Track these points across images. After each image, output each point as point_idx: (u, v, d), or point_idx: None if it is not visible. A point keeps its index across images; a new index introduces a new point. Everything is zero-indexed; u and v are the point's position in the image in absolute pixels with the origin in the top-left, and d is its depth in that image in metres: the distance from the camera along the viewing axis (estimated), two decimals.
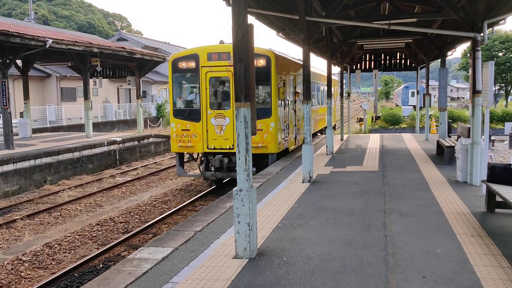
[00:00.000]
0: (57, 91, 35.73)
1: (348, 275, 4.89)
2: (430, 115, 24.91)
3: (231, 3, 5.38)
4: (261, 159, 13.18)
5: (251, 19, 11.75)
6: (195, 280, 4.89)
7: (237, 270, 5.10)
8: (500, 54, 50.53)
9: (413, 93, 51.81)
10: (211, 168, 13.15)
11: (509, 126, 24.72)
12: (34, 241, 10.00)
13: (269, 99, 12.84)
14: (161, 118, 38.76)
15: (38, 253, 9.07)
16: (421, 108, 27.17)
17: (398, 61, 24.60)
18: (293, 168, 12.23)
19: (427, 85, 20.25)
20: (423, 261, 5.25)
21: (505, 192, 6.53)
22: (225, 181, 14.52)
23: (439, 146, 14.13)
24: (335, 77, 25.91)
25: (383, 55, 24.41)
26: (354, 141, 19.38)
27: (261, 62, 12.58)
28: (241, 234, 5.41)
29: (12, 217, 11.75)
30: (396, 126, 32.73)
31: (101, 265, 8.34)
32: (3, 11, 69.09)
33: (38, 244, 9.64)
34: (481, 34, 9.44)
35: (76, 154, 18.03)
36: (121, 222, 11.20)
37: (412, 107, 40.86)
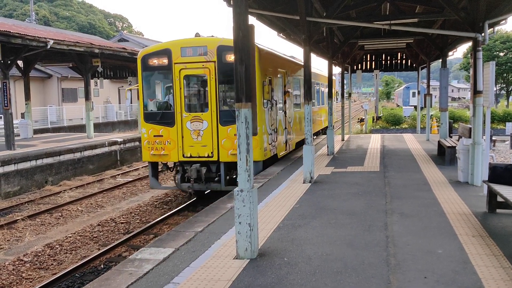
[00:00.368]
0: (58, 92, 35.79)
1: (349, 276, 4.89)
2: (431, 116, 24.90)
3: (232, 4, 5.38)
4: None
5: (252, 20, 11.76)
6: (196, 281, 4.89)
7: (238, 271, 5.10)
8: (501, 54, 50.50)
9: (414, 94, 51.79)
10: (189, 179, 11.56)
11: (510, 126, 24.71)
12: (35, 242, 10.00)
13: None
14: None
15: (39, 254, 9.07)
16: (422, 109, 27.14)
17: (399, 62, 24.58)
18: (294, 169, 12.23)
19: (428, 85, 20.23)
20: (425, 262, 5.24)
21: (507, 192, 6.52)
22: (207, 192, 13.00)
23: (440, 147, 14.11)
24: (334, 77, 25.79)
25: (384, 56, 24.39)
26: (355, 142, 19.38)
27: None
28: (242, 235, 5.41)
29: (13, 218, 11.77)
30: (397, 127, 32.72)
31: (102, 266, 8.35)
32: (4, 12, 69.19)
33: (39, 245, 9.65)
34: (482, 34, 9.43)
35: (77, 155, 18.04)
36: (122, 223, 11.20)
37: (413, 108, 40.86)
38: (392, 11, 13.28)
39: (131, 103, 38.42)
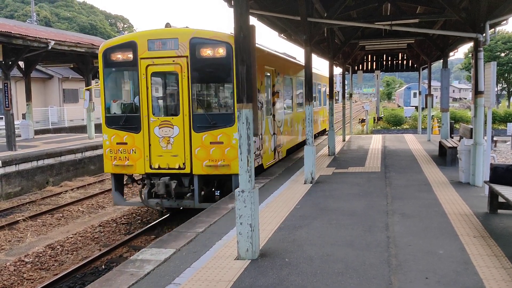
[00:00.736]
0: (59, 93, 35.82)
1: (351, 276, 4.89)
2: (432, 116, 24.88)
3: (233, 5, 5.38)
4: (223, 181, 10.26)
5: (253, 21, 11.74)
6: (198, 281, 4.89)
7: (239, 272, 5.10)
8: (503, 55, 50.49)
9: (415, 94, 51.75)
10: (158, 194, 10.01)
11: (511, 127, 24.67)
12: (37, 243, 10.01)
13: (231, 102, 9.66)
14: None
15: (41, 255, 9.08)
16: (423, 109, 27.15)
17: (400, 62, 24.57)
18: (295, 169, 12.22)
19: (429, 86, 20.22)
20: (426, 262, 5.24)
21: (508, 193, 6.51)
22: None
23: (441, 147, 14.10)
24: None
25: (385, 56, 24.38)
26: (356, 142, 19.37)
27: (220, 52, 9.48)
28: (243, 235, 5.41)
29: (15, 219, 11.78)
30: (398, 127, 32.72)
31: (103, 267, 8.35)
32: (5, 13, 69.29)
33: (41, 246, 9.65)
34: (483, 35, 9.43)
35: (78, 156, 18.06)
36: (123, 223, 11.21)
37: (414, 108, 40.83)
38: (393, 12, 13.28)
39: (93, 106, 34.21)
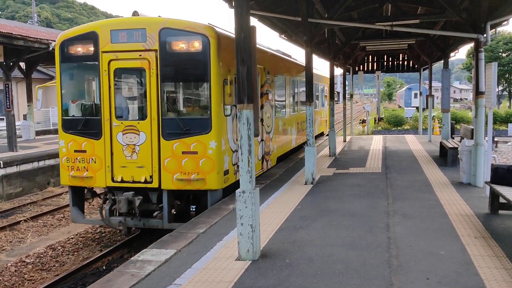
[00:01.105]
0: None
1: (351, 277, 4.88)
2: (433, 117, 24.86)
3: (234, 5, 5.39)
4: (199, 195, 8.77)
5: (254, 21, 11.74)
6: (198, 282, 4.89)
7: (240, 272, 5.10)
8: (504, 55, 50.45)
9: (416, 95, 51.69)
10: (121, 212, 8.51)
11: None
12: (38, 243, 10.01)
13: (208, 105, 8.33)
14: None
15: (42, 255, 9.09)
16: (424, 110, 27.14)
17: (401, 63, 24.57)
18: (296, 170, 12.22)
19: (430, 87, 20.22)
20: (427, 263, 5.23)
21: (509, 194, 6.50)
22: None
23: (442, 148, 14.09)
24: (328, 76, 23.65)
25: (386, 57, 24.39)
26: (357, 143, 19.36)
27: (195, 45, 8.15)
28: (244, 236, 5.41)
29: (16, 219, 11.78)
30: (399, 128, 32.71)
31: (104, 267, 8.35)
32: (7, 14, 69.42)
33: (42, 246, 9.66)
34: (484, 35, 9.42)
35: None
36: None
37: (415, 109, 40.81)
38: (394, 12, 13.28)
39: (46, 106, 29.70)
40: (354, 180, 10.54)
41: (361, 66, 24.78)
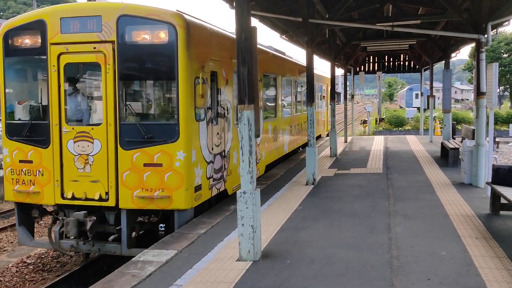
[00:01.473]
0: None
1: (352, 278, 4.88)
2: (434, 117, 24.86)
3: (235, 6, 5.39)
4: (167, 213, 7.34)
5: (255, 22, 11.74)
6: (199, 283, 4.89)
7: (241, 273, 5.10)
8: (505, 56, 50.42)
9: (417, 95, 51.72)
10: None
11: None
12: None
13: (175, 108, 7.09)
14: None
15: (43, 256, 9.09)
16: (425, 110, 27.12)
17: (402, 63, 24.57)
18: (297, 171, 12.21)
19: (431, 87, 20.22)
20: (428, 264, 5.23)
21: (510, 194, 6.49)
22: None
23: (444, 148, 14.08)
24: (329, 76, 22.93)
25: (387, 57, 24.40)
26: (358, 143, 19.36)
27: (161, 36, 6.93)
28: (245, 237, 5.41)
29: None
30: (400, 128, 32.70)
31: (105, 268, 8.35)
32: (8, 15, 69.56)
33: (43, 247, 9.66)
34: (485, 36, 9.42)
35: None
36: None
37: (416, 109, 40.80)
38: (395, 13, 13.28)
39: None
40: (355, 181, 10.53)
41: (362, 67, 24.79)
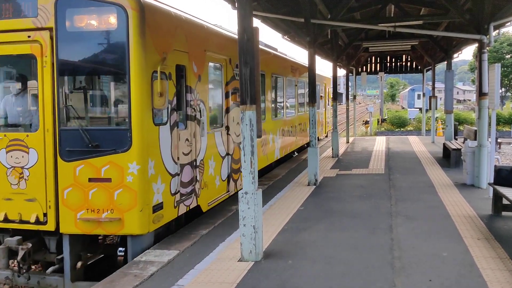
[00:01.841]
0: None
1: (354, 279, 4.88)
2: (437, 118, 24.81)
3: (237, 7, 5.40)
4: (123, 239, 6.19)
5: (257, 22, 11.74)
6: (201, 283, 4.90)
7: (243, 273, 5.10)
8: (508, 57, 50.34)
9: (419, 96, 51.65)
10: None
11: None
12: None
13: (127, 109, 5.78)
14: None
15: None
16: (427, 111, 27.08)
17: (404, 64, 24.57)
18: (298, 171, 12.21)
19: (433, 88, 20.20)
20: (430, 265, 5.22)
21: None
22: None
23: (446, 149, 14.07)
24: (327, 76, 22.22)
25: (389, 58, 24.40)
26: (360, 144, 19.34)
27: (109, 21, 5.69)
28: (247, 237, 5.41)
29: None
30: (402, 129, 32.64)
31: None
32: None
33: None
34: (487, 36, 9.42)
35: None
36: None
37: (418, 110, 40.74)
38: (397, 13, 13.28)
39: None
40: (357, 181, 10.53)
41: (364, 67, 24.80)
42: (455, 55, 16.94)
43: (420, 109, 37.72)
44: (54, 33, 5.76)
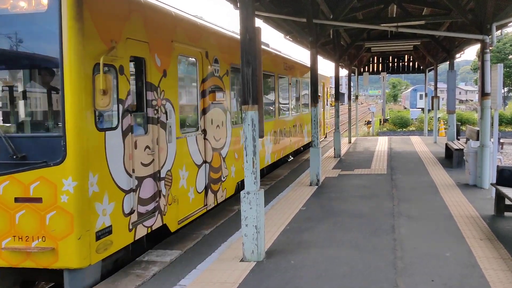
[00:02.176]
0: None
1: (356, 279, 4.87)
2: (439, 118, 24.79)
3: (239, 7, 5.40)
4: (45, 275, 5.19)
5: (259, 22, 11.72)
6: (202, 283, 4.90)
7: (245, 273, 5.10)
8: (511, 57, 50.26)
9: (422, 96, 51.58)
10: None
11: None
12: None
13: (59, 111, 4.68)
14: None
15: None
16: (430, 111, 27.06)
17: (406, 64, 24.54)
18: (300, 171, 12.21)
19: (436, 88, 20.16)
20: (432, 265, 5.21)
21: None
22: None
23: (448, 149, 14.04)
24: (325, 74, 21.84)
25: (391, 58, 24.38)
26: (362, 144, 19.32)
27: (42, 1, 4.63)
28: (249, 237, 5.41)
29: None
30: (404, 129, 32.58)
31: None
32: None
33: None
34: (490, 37, 9.40)
35: None
36: None
37: (421, 110, 40.68)
38: (399, 13, 13.26)
39: None
40: (359, 182, 10.52)
41: (366, 67, 24.78)
42: (458, 55, 16.92)
43: (422, 109, 37.68)
44: None
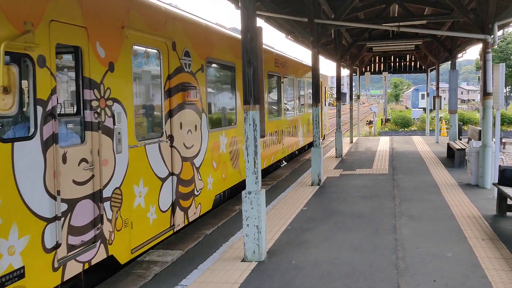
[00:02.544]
0: None
1: (357, 279, 4.86)
2: (441, 118, 24.75)
3: (240, 6, 5.39)
4: None
5: (260, 22, 11.74)
6: (203, 283, 4.89)
7: (246, 273, 5.10)
8: None
9: (423, 96, 51.53)
10: None
11: None
12: None
13: None
14: None
15: None
16: (431, 111, 27.01)
17: (408, 64, 24.51)
18: (302, 171, 12.20)
19: (437, 88, 20.13)
20: (434, 265, 5.20)
21: None
22: None
23: (450, 149, 14.02)
24: (324, 73, 21.76)
25: (393, 58, 24.35)
26: (364, 144, 19.31)
27: None
28: (250, 237, 5.40)
29: None
30: (406, 129, 32.55)
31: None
32: None
33: None
34: (492, 36, 9.38)
35: None
36: None
37: (422, 110, 40.63)
38: (401, 13, 13.25)
39: None
40: (361, 182, 10.51)
41: (368, 67, 24.75)
42: (459, 55, 16.87)
43: (424, 109, 37.63)
44: None
